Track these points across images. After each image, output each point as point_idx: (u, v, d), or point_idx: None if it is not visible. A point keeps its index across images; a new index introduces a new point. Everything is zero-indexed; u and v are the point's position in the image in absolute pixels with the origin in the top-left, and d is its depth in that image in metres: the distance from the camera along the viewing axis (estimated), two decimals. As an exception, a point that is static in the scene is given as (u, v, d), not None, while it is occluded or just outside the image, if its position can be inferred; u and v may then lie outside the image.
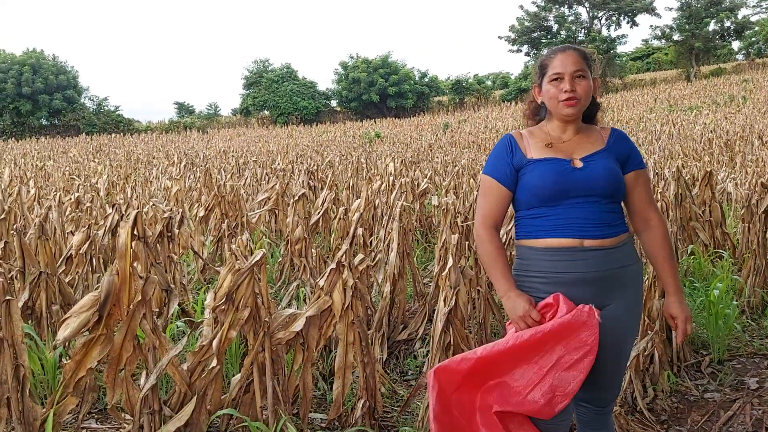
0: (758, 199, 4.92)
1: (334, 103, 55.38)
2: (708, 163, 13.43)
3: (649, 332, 3.67)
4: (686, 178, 5.94)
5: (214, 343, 2.61)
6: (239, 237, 3.20)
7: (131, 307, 2.51)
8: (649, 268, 3.79)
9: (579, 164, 2.16)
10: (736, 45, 54.38)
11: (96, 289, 2.81)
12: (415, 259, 5.47)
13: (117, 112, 49.60)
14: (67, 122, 46.77)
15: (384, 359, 4.18)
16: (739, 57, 55.06)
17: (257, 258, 2.67)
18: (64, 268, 4.19)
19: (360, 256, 3.01)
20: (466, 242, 3.78)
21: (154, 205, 4.68)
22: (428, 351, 3.87)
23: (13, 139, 40.32)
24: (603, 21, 53.35)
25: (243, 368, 2.76)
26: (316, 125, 45.89)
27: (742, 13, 50.51)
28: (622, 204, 2.28)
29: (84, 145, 31.94)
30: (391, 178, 7.80)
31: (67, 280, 4.07)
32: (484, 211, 2.25)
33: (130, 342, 2.56)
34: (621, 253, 2.17)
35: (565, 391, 2.06)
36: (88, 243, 4.17)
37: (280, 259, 5.74)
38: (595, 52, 2.35)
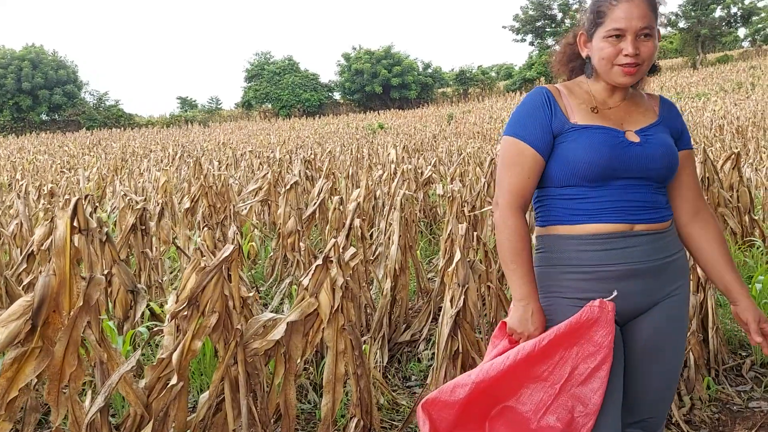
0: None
1: (336, 95, 55.00)
2: (721, 149, 12.96)
3: (684, 333, 3.22)
4: (713, 160, 5.46)
5: (175, 355, 2.16)
6: (217, 230, 2.80)
7: (72, 313, 2.07)
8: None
9: (635, 138, 1.71)
10: (742, 32, 53.72)
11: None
12: (418, 252, 5.02)
13: (117, 107, 49.20)
14: (67, 117, 46.41)
15: (384, 364, 3.75)
16: (745, 44, 54.36)
17: (226, 254, 2.22)
18: (25, 266, 3.76)
19: (352, 249, 2.56)
20: (475, 232, 3.33)
21: (125, 195, 4.24)
22: (433, 354, 3.46)
23: (13, 135, 39.90)
24: (608, 9, 52.50)
25: (212, 384, 2.32)
26: (319, 117, 45.46)
27: (748, -1, 49.74)
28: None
29: (82, 140, 31.51)
30: (393, 165, 7.34)
31: (28, 279, 3.63)
32: (512, 186, 1.73)
33: (73, 355, 2.12)
34: (670, 240, 1.77)
35: (586, 409, 1.63)
36: (51, 238, 3.72)
37: (272, 254, 5.30)
38: None
